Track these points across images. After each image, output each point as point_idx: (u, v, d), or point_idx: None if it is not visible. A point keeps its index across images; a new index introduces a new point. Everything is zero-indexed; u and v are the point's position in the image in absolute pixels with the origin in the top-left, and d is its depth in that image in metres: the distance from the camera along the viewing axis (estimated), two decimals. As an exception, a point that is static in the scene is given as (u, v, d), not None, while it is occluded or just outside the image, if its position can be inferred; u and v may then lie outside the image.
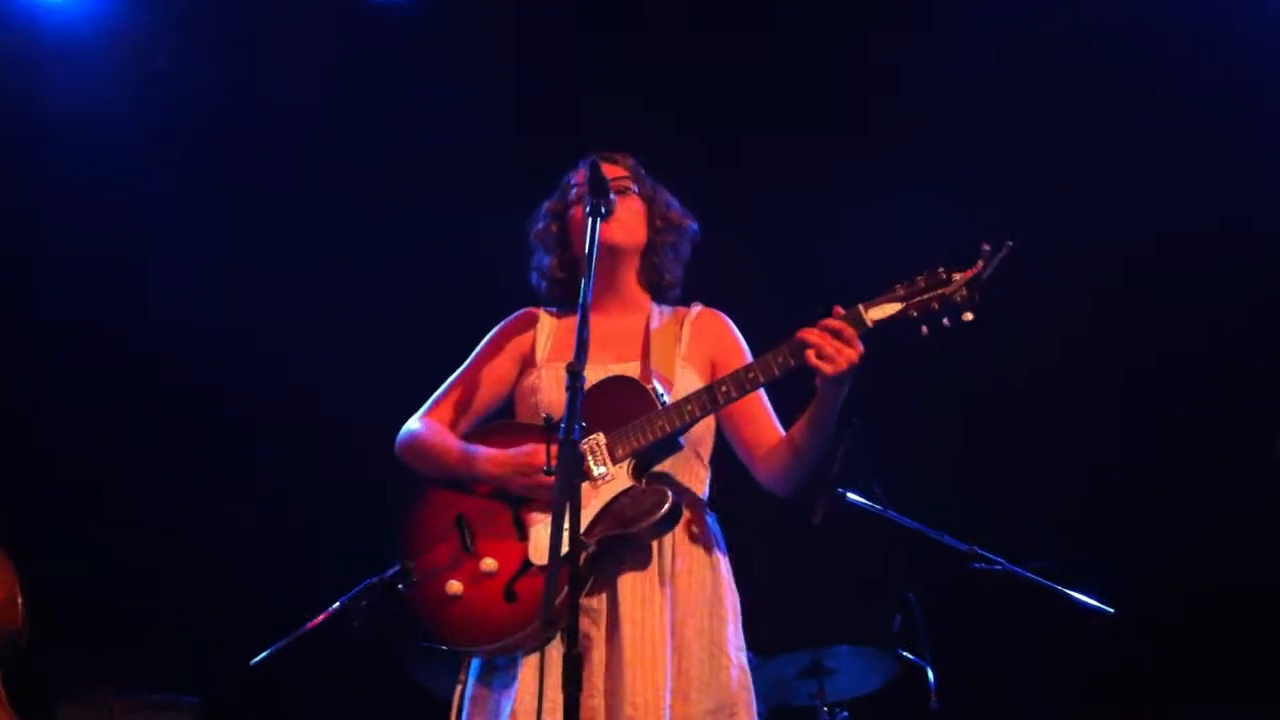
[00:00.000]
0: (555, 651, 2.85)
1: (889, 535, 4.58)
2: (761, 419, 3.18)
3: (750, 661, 5.17)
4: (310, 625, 4.39)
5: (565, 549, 2.54)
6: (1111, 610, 4.27)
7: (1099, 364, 5.66)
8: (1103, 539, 5.52)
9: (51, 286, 5.83)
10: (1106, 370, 5.67)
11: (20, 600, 3.91)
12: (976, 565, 4.40)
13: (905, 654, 4.96)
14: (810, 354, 2.83)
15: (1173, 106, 5.45)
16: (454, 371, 3.37)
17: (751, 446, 3.18)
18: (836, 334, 2.83)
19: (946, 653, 4.96)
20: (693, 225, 3.37)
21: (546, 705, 2.79)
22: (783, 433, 3.14)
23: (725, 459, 3.29)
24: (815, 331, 2.85)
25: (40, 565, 4.25)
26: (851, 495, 4.52)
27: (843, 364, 2.82)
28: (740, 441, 3.21)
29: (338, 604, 4.40)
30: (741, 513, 3.34)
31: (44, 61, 5.46)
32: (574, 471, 2.61)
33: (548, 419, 2.99)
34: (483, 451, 3.11)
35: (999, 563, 4.40)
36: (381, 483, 3.35)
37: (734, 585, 3.15)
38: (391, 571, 4.38)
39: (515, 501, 3.06)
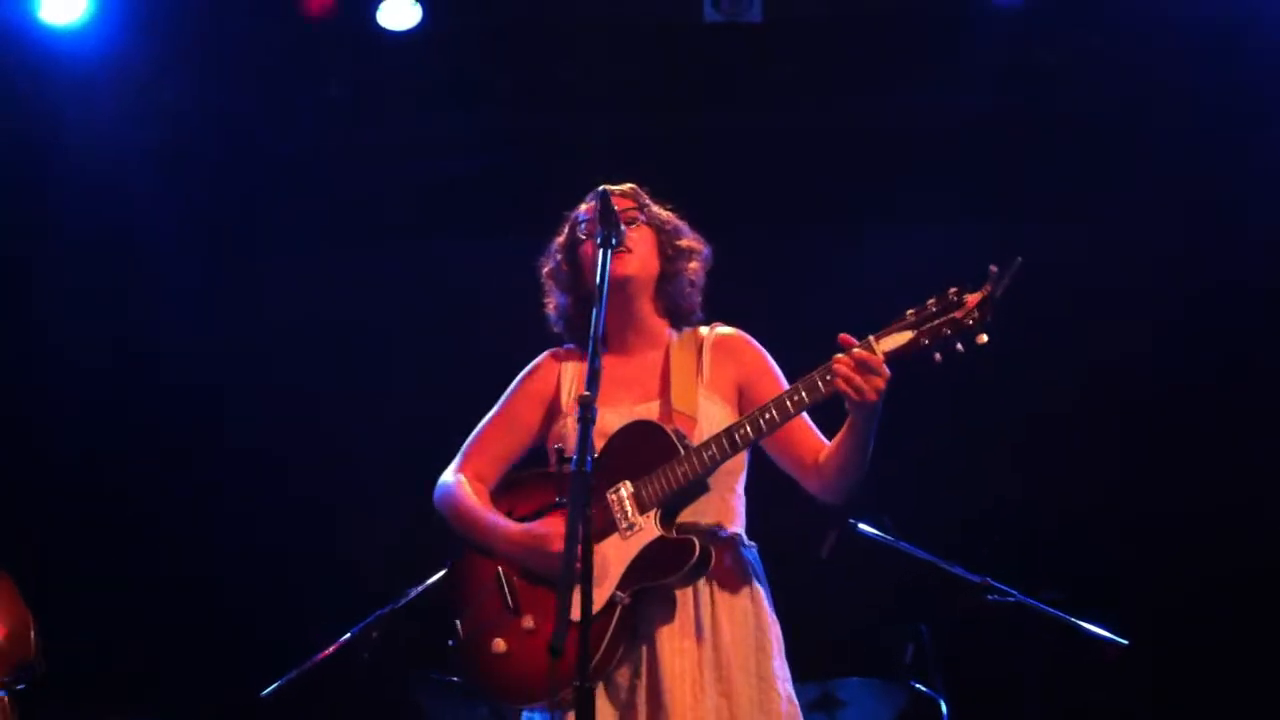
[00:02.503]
0: (603, 701, 2.89)
1: (901, 566, 4.57)
2: (803, 436, 3.11)
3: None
4: (321, 656, 4.39)
5: (593, 601, 2.57)
6: (1125, 642, 4.25)
7: (1114, 394, 5.64)
8: (1117, 571, 5.50)
9: (50, 309, 5.85)
10: (1122, 401, 5.65)
11: (33, 631, 3.92)
12: (990, 597, 4.38)
13: (917, 686, 4.94)
14: (840, 383, 2.81)
15: (1171, 131, 5.47)
16: (483, 415, 3.35)
17: (798, 464, 3.12)
18: (863, 364, 2.80)
19: (959, 684, 4.93)
20: (705, 249, 3.32)
21: None
22: (826, 442, 3.08)
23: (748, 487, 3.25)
24: (842, 363, 2.81)
25: (51, 596, 4.25)
26: (863, 526, 4.52)
27: (871, 394, 2.80)
28: (786, 460, 3.15)
29: (348, 635, 4.40)
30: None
31: (52, 89, 5.47)
32: (585, 502, 2.59)
33: (560, 452, 3.00)
34: (505, 529, 3.11)
35: (1012, 594, 4.38)
36: (389, 514, 3.34)
37: (775, 616, 3.11)
38: (403, 602, 4.39)
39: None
